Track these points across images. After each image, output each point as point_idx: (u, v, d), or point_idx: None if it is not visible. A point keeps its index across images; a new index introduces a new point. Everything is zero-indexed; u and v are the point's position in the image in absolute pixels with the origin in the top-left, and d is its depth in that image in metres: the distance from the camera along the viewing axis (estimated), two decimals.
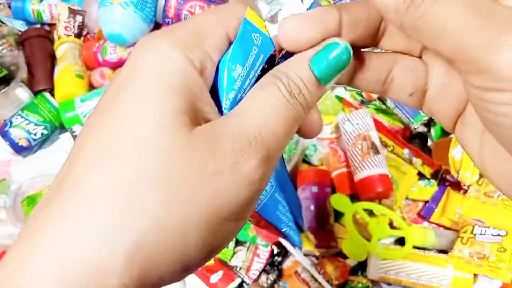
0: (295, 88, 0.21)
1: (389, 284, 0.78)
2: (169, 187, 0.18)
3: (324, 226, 0.79)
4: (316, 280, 0.78)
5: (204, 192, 0.19)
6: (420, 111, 0.89)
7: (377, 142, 0.82)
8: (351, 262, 0.79)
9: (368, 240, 0.77)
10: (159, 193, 0.18)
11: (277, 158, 0.22)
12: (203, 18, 0.22)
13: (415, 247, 0.79)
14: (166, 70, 0.20)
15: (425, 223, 0.82)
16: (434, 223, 0.81)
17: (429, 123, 0.91)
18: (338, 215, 0.81)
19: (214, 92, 0.23)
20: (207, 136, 0.19)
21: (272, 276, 0.79)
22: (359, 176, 0.80)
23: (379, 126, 0.86)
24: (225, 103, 0.22)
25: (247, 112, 0.21)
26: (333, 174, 0.84)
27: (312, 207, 0.79)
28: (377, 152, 0.80)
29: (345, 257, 0.79)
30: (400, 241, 0.80)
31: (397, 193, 0.83)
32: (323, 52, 0.22)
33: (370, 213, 0.80)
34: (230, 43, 0.23)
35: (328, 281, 0.78)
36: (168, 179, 0.18)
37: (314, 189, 0.81)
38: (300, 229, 0.31)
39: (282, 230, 0.30)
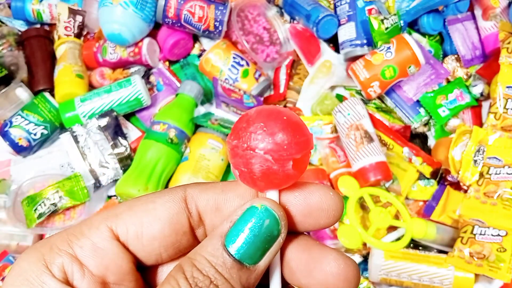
0: (202, 280, 0.17)
1: (390, 286, 0.78)
2: None
3: None
4: None
5: None
6: (419, 111, 0.89)
7: (370, 129, 0.82)
8: (355, 260, 0.79)
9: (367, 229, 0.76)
10: None
11: None
12: (91, 217, 0.20)
13: (415, 247, 0.79)
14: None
15: None
16: (434, 221, 0.81)
17: (429, 123, 0.91)
18: None
19: None
20: None
21: None
22: (356, 166, 0.80)
23: (378, 124, 0.86)
24: None
25: None
26: (332, 174, 0.84)
27: None
28: (371, 140, 0.80)
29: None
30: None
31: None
32: (239, 224, 0.17)
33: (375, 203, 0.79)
34: (118, 239, 0.19)
35: None
36: None
37: None
38: None
39: None
